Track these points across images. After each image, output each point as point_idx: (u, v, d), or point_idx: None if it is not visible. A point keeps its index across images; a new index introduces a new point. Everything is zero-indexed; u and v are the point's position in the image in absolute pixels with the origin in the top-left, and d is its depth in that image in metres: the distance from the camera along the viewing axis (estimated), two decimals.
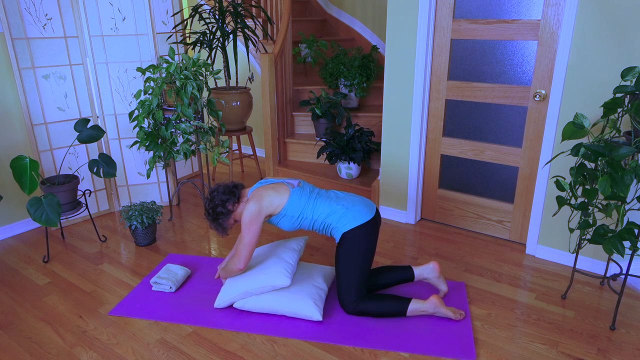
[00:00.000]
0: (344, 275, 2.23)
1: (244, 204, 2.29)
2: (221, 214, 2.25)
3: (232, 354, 2.07)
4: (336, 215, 2.23)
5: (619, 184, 1.91)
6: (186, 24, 3.78)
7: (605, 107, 2.04)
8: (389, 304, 2.23)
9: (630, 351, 2.06)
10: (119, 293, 2.55)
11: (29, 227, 3.34)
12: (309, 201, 2.26)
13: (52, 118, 3.23)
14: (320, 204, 2.25)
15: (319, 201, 2.26)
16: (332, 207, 2.24)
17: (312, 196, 2.28)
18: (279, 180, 2.35)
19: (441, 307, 2.23)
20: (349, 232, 2.21)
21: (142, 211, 2.99)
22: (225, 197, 2.26)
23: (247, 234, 2.18)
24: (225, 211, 2.25)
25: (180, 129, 3.20)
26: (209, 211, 2.28)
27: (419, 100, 3.11)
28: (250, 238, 2.18)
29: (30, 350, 2.11)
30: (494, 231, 3.14)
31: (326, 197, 2.29)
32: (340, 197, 2.30)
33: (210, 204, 2.27)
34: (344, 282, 2.24)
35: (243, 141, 5.29)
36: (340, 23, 5.13)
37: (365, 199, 2.35)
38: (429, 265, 2.40)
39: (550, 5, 2.58)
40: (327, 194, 2.32)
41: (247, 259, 2.21)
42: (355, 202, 2.27)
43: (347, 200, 2.28)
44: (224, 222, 2.29)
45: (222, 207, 2.25)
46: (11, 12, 2.93)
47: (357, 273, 2.22)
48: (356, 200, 2.29)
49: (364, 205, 2.27)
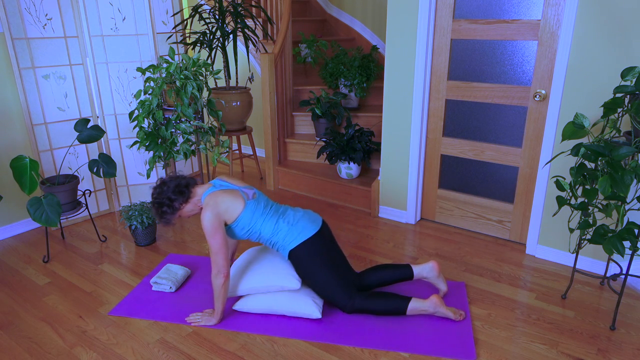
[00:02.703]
0: (319, 288, 2.23)
1: (192, 205, 2.24)
2: (165, 212, 2.20)
3: (232, 354, 2.07)
4: (281, 234, 2.21)
5: (619, 184, 1.91)
6: (186, 24, 3.78)
7: (605, 107, 2.04)
8: (389, 302, 2.22)
9: (630, 351, 2.06)
10: (119, 293, 2.55)
11: (29, 227, 3.34)
12: (260, 217, 2.22)
13: (52, 118, 3.23)
14: (268, 221, 2.22)
15: (268, 218, 2.23)
16: (278, 225, 2.22)
17: (264, 212, 2.24)
18: (234, 187, 2.27)
19: (441, 306, 2.23)
20: (294, 250, 2.20)
21: (142, 211, 2.99)
22: (174, 196, 2.19)
23: (214, 242, 2.11)
24: (170, 210, 2.19)
25: (180, 129, 3.20)
26: (155, 204, 2.21)
27: (419, 100, 3.11)
28: (218, 245, 2.11)
29: (30, 350, 2.11)
30: (494, 231, 3.14)
31: (275, 213, 2.26)
32: (287, 214, 2.27)
33: (158, 198, 2.20)
34: (323, 292, 2.23)
35: (243, 141, 5.29)
36: (340, 23, 5.13)
37: (311, 213, 2.33)
38: (428, 264, 2.39)
39: (550, 5, 2.58)
40: (277, 210, 2.28)
41: (224, 265, 2.13)
42: (299, 218, 2.25)
43: (292, 216, 2.26)
44: (167, 217, 2.22)
45: (167, 207, 2.19)
46: (11, 12, 2.93)
47: (328, 279, 2.20)
48: (300, 216, 2.27)
49: (308, 221, 2.25)
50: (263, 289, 2.28)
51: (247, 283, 2.29)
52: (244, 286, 2.30)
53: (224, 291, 2.18)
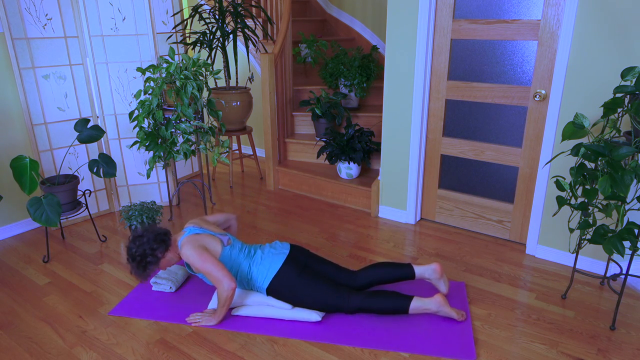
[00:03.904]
0: (311, 304, 2.24)
1: (172, 253, 2.26)
2: (150, 263, 2.18)
3: (232, 354, 2.07)
4: (254, 277, 2.26)
5: (619, 184, 1.91)
6: (186, 24, 3.78)
7: (605, 107, 2.04)
8: (391, 301, 2.22)
9: (630, 351, 2.06)
10: (119, 293, 2.55)
11: (29, 227, 3.34)
12: (236, 261, 2.28)
13: (52, 118, 3.23)
14: (243, 264, 2.28)
15: (242, 262, 2.28)
16: (250, 270, 2.27)
17: (239, 256, 2.29)
18: (209, 232, 2.31)
19: (445, 306, 2.22)
20: (270, 287, 2.24)
21: (142, 211, 2.99)
22: (156, 245, 2.19)
23: (208, 267, 2.14)
24: (154, 260, 2.19)
25: (180, 129, 3.20)
26: (137, 258, 2.18)
27: (419, 100, 3.11)
28: (212, 266, 2.14)
29: (30, 350, 2.11)
30: (494, 231, 3.14)
31: (246, 258, 2.30)
32: (255, 257, 2.30)
33: (139, 250, 2.18)
34: (317, 306, 2.24)
35: (243, 141, 5.29)
36: (340, 23, 5.13)
37: (277, 244, 2.37)
38: (431, 266, 2.39)
39: (550, 5, 2.58)
40: (248, 254, 2.31)
41: (227, 277, 2.14)
42: (265, 256, 2.29)
43: (259, 257, 2.29)
44: (150, 269, 2.21)
45: (151, 257, 2.18)
46: (11, 12, 2.93)
47: (315, 293, 2.22)
48: (266, 253, 2.30)
49: (274, 255, 2.29)
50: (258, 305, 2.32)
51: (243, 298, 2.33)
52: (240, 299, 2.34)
53: (230, 299, 2.19)
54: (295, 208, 3.68)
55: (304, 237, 3.17)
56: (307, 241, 3.12)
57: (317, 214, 3.56)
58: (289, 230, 3.29)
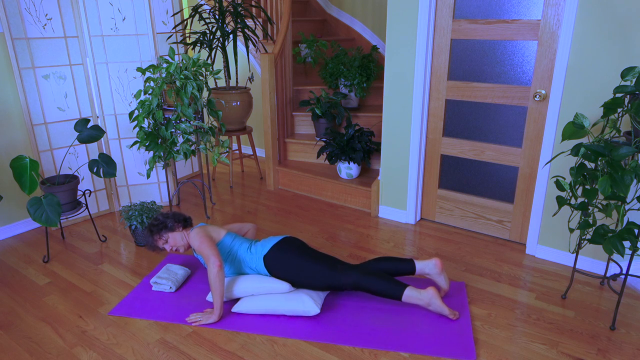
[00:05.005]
0: (308, 277, 2.31)
1: (182, 236, 2.50)
2: (166, 227, 2.47)
3: (232, 354, 2.07)
4: (253, 249, 2.44)
5: (619, 184, 1.91)
6: (186, 24, 3.78)
7: (605, 107, 2.04)
8: (387, 284, 2.24)
9: (630, 351, 2.06)
10: (119, 293, 2.55)
11: (29, 227, 3.34)
12: (237, 242, 2.48)
13: (52, 118, 3.23)
14: (244, 245, 2.47)
15: (244, 243, 2.47)
16: (250, 246, 2.46)
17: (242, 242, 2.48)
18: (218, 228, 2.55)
19: (437, 299, 2.23)
20: (267, 254, 2.37)
21: (142, 211, 2.99)
22: (177, 220, 2.52)
23: (201, 246, 2.31)
24: (171, 225, 2.48)
25: (180, 129, 3.20)
26: (158, 218, 2.51)
27: (419, 100, 3.11)
28: (204, 245, 2.30)
29: (30, 350, 2.11)
30: (494, 231, 3.14)
31: (247, 241, 2.50)
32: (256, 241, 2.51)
33: (162, 216, 2.52)
34: (314, 281, 2.31)
35: (243, 141, 5.29)
36: (340, 23, 5.13)
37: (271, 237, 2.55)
38: (431, 261, 2.40)
39: (550, 5, 2.58)
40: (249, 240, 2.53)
41: (214, 255, 2.25)
42: (263, 240, 2.50)
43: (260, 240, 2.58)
44: (162, 234, 2.47)
45: (172, 222, 2.49)
46: (11, 12, 2.93)
47: (311, 266, 2.31)
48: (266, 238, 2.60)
49: (273, 237, 2.48)
50: (256, 292, 2.34)
51: (240, 286, 2.37)
52: (238, 288, 2.36)
53: (220, 283, 2.23)
54: (295, 208, 3.69)
55: (304, 237, 3.18)
56: (307, 241, 3.12)
57: (317, 214, 3.56)
58: (289, 230, 3.29)
